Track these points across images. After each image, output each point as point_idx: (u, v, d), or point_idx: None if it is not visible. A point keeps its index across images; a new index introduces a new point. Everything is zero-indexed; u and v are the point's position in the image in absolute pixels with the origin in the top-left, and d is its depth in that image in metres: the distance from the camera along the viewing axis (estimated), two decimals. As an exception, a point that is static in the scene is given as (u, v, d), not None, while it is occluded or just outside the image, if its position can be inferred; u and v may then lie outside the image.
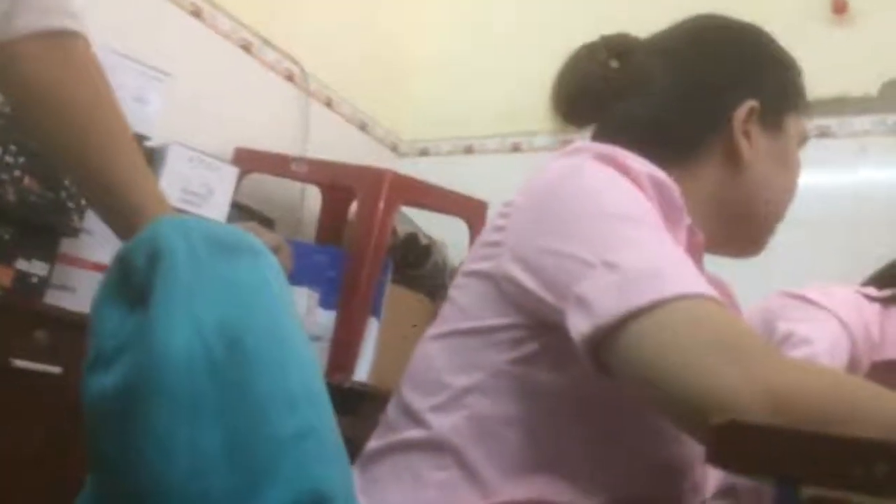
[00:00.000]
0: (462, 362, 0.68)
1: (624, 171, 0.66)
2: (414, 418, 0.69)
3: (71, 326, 1.28)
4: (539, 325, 0.65)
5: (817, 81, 2.02)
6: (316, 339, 1.82)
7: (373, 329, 1.89)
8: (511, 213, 0.69)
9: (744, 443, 0.27)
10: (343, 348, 1.83)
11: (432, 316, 0.75)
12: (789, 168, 0.80)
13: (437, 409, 0.67)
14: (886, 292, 1.46)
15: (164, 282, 0.49)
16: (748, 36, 0.81)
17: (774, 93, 0.79)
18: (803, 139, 0.83)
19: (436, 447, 0.66)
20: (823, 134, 2.05)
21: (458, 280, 0.73)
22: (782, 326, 1.35)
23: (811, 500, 0.25)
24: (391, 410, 0.73)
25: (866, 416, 0.51)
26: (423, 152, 2.72)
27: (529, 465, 0.64)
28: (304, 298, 1.79)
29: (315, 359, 0.53)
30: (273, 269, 0.54)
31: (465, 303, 0.70)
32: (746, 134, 0.76)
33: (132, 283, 0.51)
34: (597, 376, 0.61)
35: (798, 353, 1.31)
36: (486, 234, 0.72)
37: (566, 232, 0.64)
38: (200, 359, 0.46)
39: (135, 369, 0.47)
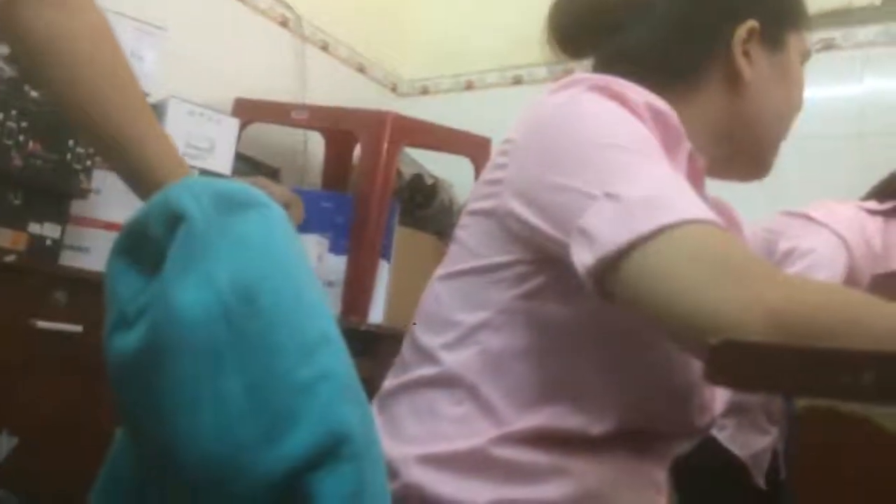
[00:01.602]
0: (470, 300, 0.69)
1: (621, 100, 0.66)
2: (427, 356, 0.71)
3: (88, 285, 1.30)
4: (544, 259, 0.67)
5: (819, -7, 1.94)
6: (329, 284, 1.85)
7: (384, 271, 1.91)
8: (510, 149, 0.70)
9: (738, 360, 0.28)
10: (356, 292, 1.86)
11: (442, 255, 0.77)
12: (792, 85, 0.80)
13: (448, 346, 0.69)
14: (888, 205, 1.47)
15: (178, 245, 0.50)
16: None
17: (774, 10, 0.77)
18: (806, 55, 0.82)
19: (450, 383, 0.68)
20: (828, 46, 2.02)
21: (463, 220, 0.74)
22: (784, 244, 1.38)
23: (805, 410, 0.26)
24: (405, 350, 0.75)
25: (868, 331, 0.52)
26: (424, 91, 2.70)
27: (541, 395, 0.66)
28: (314, 245, 1.81)
29: (328, 305, 0.55)
30: (282, 221, 0.55)
31: (470, 242, 0.72)
32: (746, 54, 0.75)
33: (149, 250, 0.53)
34: (602, 306, 0.62)
35: (800, 264, 1.34)
36: (488, 173, 0.72)
37: (566, 165, 0.64)
38: (217, 313, 0.48)
39: (155, 327, 0.49)
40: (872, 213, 1.46)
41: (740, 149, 0.78)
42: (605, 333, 0.67)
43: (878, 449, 0.26)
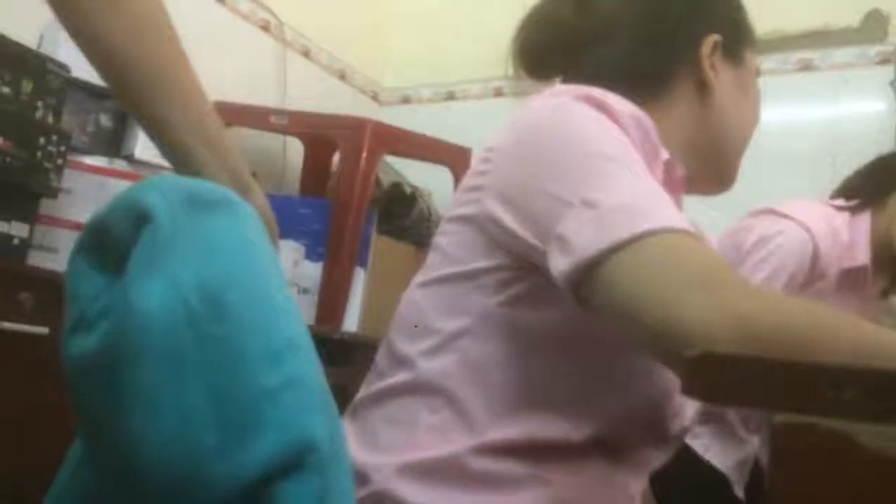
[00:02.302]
0: (450, 307, 0.69)
1: (605, 110, 0.67)
2: (405, 364, 0.70)
3: (56, 287, 1.26)
4: (524, 265, 0.66)
5: (799, 14, 2.02)
6: (304, 291, 1.83)
7: (360, 279, 1.90)
8: (492, 157, 0.70)
9: (717, 373, 0.27)
10: (331, 299, 1.84)
11: (419, 264, 0.76)
12: (753, 99, 0.82)
13: (427, 353, 0.68)
14: (854, 201, 1.50)
15: (143, 244, 0.49)
16: None
17: (733, 27, 0.80)
18: (757, 73, 0.85)
19: (428, 391, 0.67)
20: (805, 67, 2.04)
21: (443, 227, 0.74)
22: (751, 238, 1.40)
23: (783, 425, 0.26)
24: (380, 358, 0.74)
25: (836, 343, 0.52)
26: (405, 100, 2.69)
27: (520, 403, 0.66)
28: (290, 251, 1.79)
29: (298, 309, 0.53)
30: (252, 221, 0.53)
31: (450, 249, 0.71)
32: (712, 66, 0.78)
33: (112, 249, 0.51)
34: (583, 313, 0.62)
35: (768, 248, 1.37)
36: (469, 180, 0.72)
37: (547, 172, 0.64)
38: (181, 316, 0.46)
39: (115, 329, 0.47)
40: (839, 208, 1.49)
41: (705, 161, 0.79)
42: (583, 343, 0.67)
43: (858, 466, 0.26)
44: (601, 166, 0.63)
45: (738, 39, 0.81)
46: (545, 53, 0.82)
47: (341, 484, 0.51)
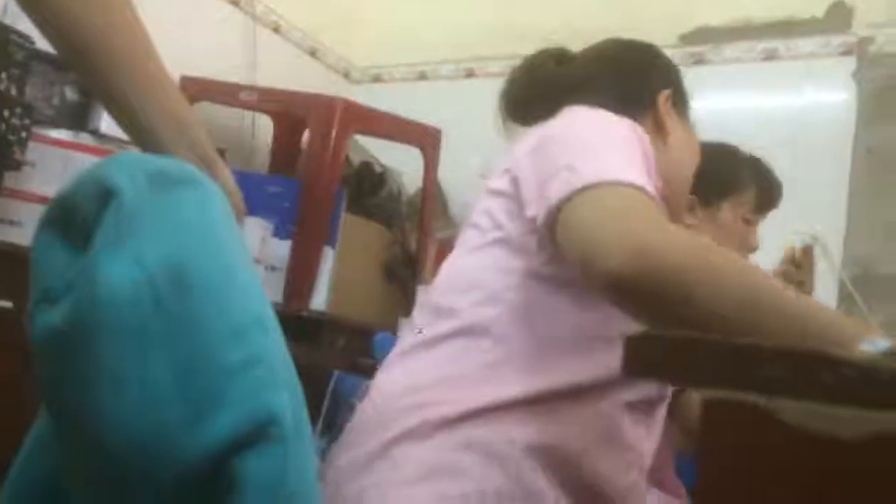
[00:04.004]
0: (495, 268, 0.78)
1: (632, 124, 0.79)
2: (453, 314, 0.78)
3: (20, 260, 1.25)
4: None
5: (765, 3, 2.05)
6: (272, 268, 1.83)
7: (328, 258, 1.90)
8: (518, 151, 0.81)
9: (652, 352, 0.29)
10: (299, 278, 1.84)
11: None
12: (692, 143, 0.96)
13: (478, 303, 0.77)
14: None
15: (108, 221, 0.49)
16: (651, 48, 1.00)
17: (678, 86, 0.97)
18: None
19: (478, 333, 0.76)
20: (770, 56, 2.07)
21: (476, 205, 0.84)
22: None
23: (711, 402, 0.28)
24: (423, 317, 0.82)
25: (732, 297, 0.58)
26: (376, 79, 2.68)
27: (561, 348, 0.75)
28: (258, 229, 1.78)
29: (262, 287, 0.54)
30: (218, 200, 0.54)
31: (483, 221, 0.81)
32: (667, 113, 0.93)
33: (78, 224, 0.51)
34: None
35: None
36: (495, 179, 0.84)
37: (564, 154, 0.74)
38: (145, 293, 0.47)
39: (80, 304, 0.48)
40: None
41: (661, 193, 0.88)
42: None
43: (780, 440, 0.28)
44: (603, 150, 0.73)
45: (681, 95, 0.97)
46: (530, 102, 0.95)
47: (304, 458, 0.52)
